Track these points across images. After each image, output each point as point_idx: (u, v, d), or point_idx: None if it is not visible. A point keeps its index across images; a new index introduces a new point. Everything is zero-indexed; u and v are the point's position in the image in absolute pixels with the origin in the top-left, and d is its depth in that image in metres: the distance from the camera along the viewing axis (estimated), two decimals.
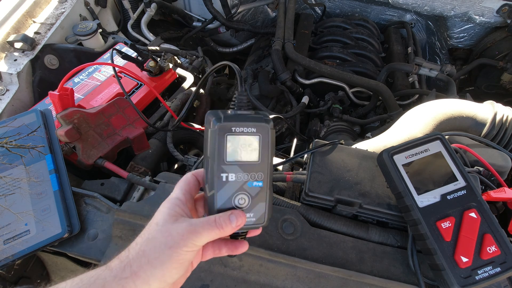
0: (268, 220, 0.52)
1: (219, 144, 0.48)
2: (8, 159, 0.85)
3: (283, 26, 1.74)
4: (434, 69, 1.68)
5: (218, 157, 0.48)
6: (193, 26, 2.11)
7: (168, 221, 0.48)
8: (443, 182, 0.72)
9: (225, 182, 0.49)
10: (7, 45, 1.25)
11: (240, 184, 0.49)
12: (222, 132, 0.48)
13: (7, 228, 0.77)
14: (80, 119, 0.97)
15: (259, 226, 0.52)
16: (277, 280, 0.74)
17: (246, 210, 0.50)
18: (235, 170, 0.49)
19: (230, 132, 0.48)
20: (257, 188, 0.50)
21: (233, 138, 0.48)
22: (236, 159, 0.49)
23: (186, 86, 1.41)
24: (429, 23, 2.14)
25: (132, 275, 0.45)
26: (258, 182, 0.50)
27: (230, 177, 0.49)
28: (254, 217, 0.51)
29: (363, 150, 0.90)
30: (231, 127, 0.48)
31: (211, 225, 0.47)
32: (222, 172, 0.48)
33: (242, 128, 0.48)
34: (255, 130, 0.49)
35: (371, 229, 0.83)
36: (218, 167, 0.48)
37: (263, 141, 0.49)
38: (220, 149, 0.48)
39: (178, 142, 1.27)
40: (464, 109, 0.98)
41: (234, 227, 0.48)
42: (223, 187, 0.49)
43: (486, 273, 0.64)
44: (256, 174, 0.50)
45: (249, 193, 0.50)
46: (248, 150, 0.49)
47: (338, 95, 1.67)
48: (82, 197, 0.89)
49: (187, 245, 0.46)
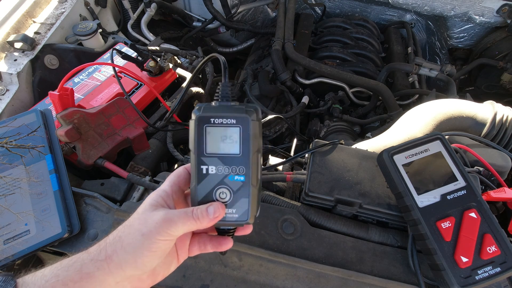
0: (254, 218, 0.50)
1: (198, 135, 0.47)
2: (8, 159, 0.85)
3: (283, 26, 1.74)
4: (434, 69, 1.68)
5: (198, 149, 0.47)
6: (193, 26, 2.11)
7: (147, 210, 0.49)
8: (443, 182, 0.72)
9: (205, 174, 0.48)
10: (7, 45, 1.25)
11: (220, 178, 0.48)
12: (202, 123, 0.47)
13: (7, 228, 0.77)
14: (80, 119, 0.97)
15: (242, 223, 0.50)
16: (277, 280, 0.74)
17: (228, 205, 0.49)
18: (215, 163, 0.48)
19: (209, 124, 0.47)
20: (238, 183, 0.48)
21: (212, 130, 0.47)
22: (215, 152, 0.48)
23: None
24: (429, 23, 2.14)
25: (107, 258, 0.46)
26: (240, 176, 0.48)
27: (210, 169, 0.48)
28: (236, 213, 0.49)
29: (363, 150, 0.90)
30: (209, 118, 0.47)
31: (188, 215, 0.47)
32: (202, 164, 0.48)
33: (222, 120, 0.47)
34: (235, 122, 0.47)
35: (371, 229, 0.83)
36: (198, 159, 0.48)
37: (244, 133, 0.47)
38: (200, 141, 0.47)
39: (178, 142, 1.27)
40: (464, 109, 0.98)
41: (211, 218, 0.47)
42: (203, 179, 0.48)
43: (486, 273, 0.64)
44: (237, 168, 0.48)
45: (230, 187, 0.48)
46: (227, 142, 0.47)
47: (338, 95, 1.67)
48: (82, 197, 0.89)
49: (160, 233, 0.46)
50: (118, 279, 0.46)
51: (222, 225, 0.51)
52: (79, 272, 0.45)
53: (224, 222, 0.50)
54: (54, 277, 0.44)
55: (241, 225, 0.51)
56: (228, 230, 0.53)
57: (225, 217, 0.49)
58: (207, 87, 1.50)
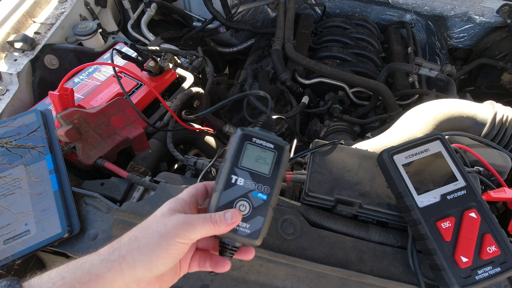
0: (261, 240, 0.52)
1: (238, 148, 0.53)
2: (8, 159, 0.85)
3: (283, 26, 1.74)
4: (434, 69, 1.68)
5: (233, 160, 0.53)
6: (193, 26, 2.11)
7: (165, 214, 0.49)
8: (443, 182, 0.72)
9: (233, 183, 0.52)
10: (7, 45, 1.25)
11: (245, 191, 0.52)
12: (244, 138, 0.54)
13: (7, 228, 0.77)
14: (80, 119, 0.97)
15: (250, 241, 0.52)
16: (277, 280, 0.74)
17: (244, 218, 0.51)
18: (245, 176, 0.52)
19: (250, 141, 0.54)
20: (260, 200, 0.52)
21: (252, 147, 0.54)
22: (248, 167, 0.53)
23: (186, 86, 1.41)
24: (429, 23, 2.14)
25: (120, 258, 0.45)
26: (263, 195, 0.52)
27: (239, 181, 0.52)
28: (249, 229, 0.51)
29: (363, 150, 0.90)
30: (252, 137, 0.54)
31: (207, 220, 0.48)
32: (233, 174, 0.52)
33: (262, 142, 0.54)
34: (273, 147, 0.54)
35: (371, 229, 0.83)
36: (231, 169, 0.52)
37: (277, 159, 0.54)
38: (238, 153, 0.53)
39: (178, 142, 1.27)
40: (464, 109, 0.98)
41: (229, 224, 0.49)
42: (230, 187, 0.52)
43: (486, 273, 0.64)
44: (263, 186, 0.53)
45: (251, 202, 0.52)
46: (261, 162, 0.53)
47: (338, 95, 1.67)
48: (82, 197, 0.89)
49: (180, 235, 0.46)
50: (128, 281, 0.46)
51: (231, 239, 0.52)
52: (88, 273, 0.44)
53: (235, 235, 0.51)
54: (61, 280, 0.43)
55: (248, 243, 0.52)
56: (232, 248, 0.53)
57: (237, 230, 0.51)
58: (207, 87, 1.50)
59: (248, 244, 0.53)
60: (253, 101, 1.53)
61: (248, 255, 0.55)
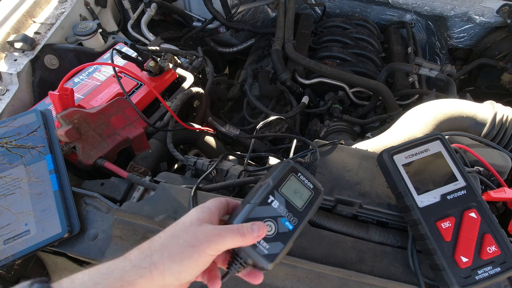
0: (273, 266, 0.53)
1: (284, 175, 0.58)
2: (8, 159, 0.85)
3: (283, 26, 1.74)
4: (434, 69, 1.68)
5: (277, 183, 0.57)
6: (193, 26, 2.11)
7: (194, 224, 0.51)
8: (443, 182, 0.72)
9: (268, 203, 0.55)
10: (7, 45, 1.25)
11: (276, 214, 0.55)
12: (291, 170, 0.59)
13: (7, 228, 0.77)
14: (80, 119, 0.97)
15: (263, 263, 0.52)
16: (277, 280, 0.74)
17: (267, 239, 0.53)
18: (281, 202, 0.56)
19: (296, 174, 0.59)
20: (286, 228, 0.55)
21: (295, 180, 0.59)
22: (287, 195, 0.57)
23: (186, 86, 1.41)
24: (429, 23, 2.14)
25: (151, 265, 0.46)
26: (290, 225, 0.56)
27: (274, 203, 0.56)
28: (267, 250, 0.53)
29: (363, 150, 0.90)
30: (298, 172, 0.60)
31: (235, 231, 0.50)
32: (272, 195, 0.56)
33: (305, 179, 0.60)
34: (312, 187, 0.60)
35: (371, 229, 0.83)
36: (272, 190, 0.56)
37: (312, 199, 0.59)
38: (282, 180, 0.58)
39: (178, 142, 1.27)
40: (464, 109, 0.98)
41: (255, 236, 0.51)
42: (265, 205, 0.55)
43: (486, 273, 0.64)
44: (292, 217, 0.56)
45: (278, 226, 0.55)
46: (298, 196, 0.58)
47: (338, 95, 1.67)
48: (82, 197, 0.89)
49: (210, 247, 0.48)
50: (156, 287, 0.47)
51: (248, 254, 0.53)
52: (120, 279, 0.45)
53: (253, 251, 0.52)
54: (94, 285, 0.44)
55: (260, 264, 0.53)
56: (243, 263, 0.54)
57: (257, 246, 0.52)
58: (207, 87, 1.50)
59: (260, 265, 0.53)
60: (253, 101, 1.53)
61: (256, 279, 0.55)
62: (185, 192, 0.86)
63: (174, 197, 0.85)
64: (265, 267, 0.53)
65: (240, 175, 0.98)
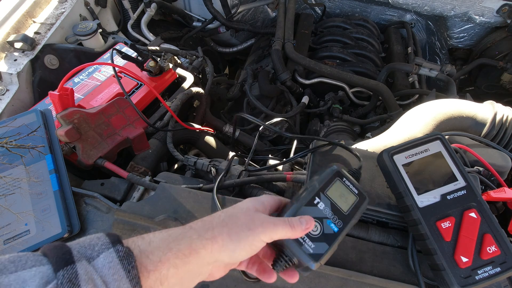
0: (318, 266, 0.53)
1: (329, 179, 0.59)
2: (8, 159, 0.85)
3: (283, 26, 1.74)
4: (434, 69, 1.68)
5: (322, 187, 0.58)
6: (193, 26, 2.11)
7: (251, 209, 0.53)
8: (443, 182, 0.72)
9: (314, 204, 0.57)
10: (7, 45, 1.25)
11: (322, 215, 0.56)
12: (337, 174, 0.60)
13: (7, 228, 0.77)
14: (80, 119, 0.97)
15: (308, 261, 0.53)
16: (277, 280, 0.74)
17: (312, 238, 0.54)
18: (326, 204, 0.57)
19: (341, 179, 0.60)
20: (331, 230, 0.56)
21: (340, 184, 0.60)
22: (332, 198, 0.58)
23: (186, 86, 1.41)
24: (429, 23, 2.14)
25: (212, 238, 0.48)
26: (335, 227, 0.57)
27: (320, 205, 0.57)
28: (312, 250, 0.54)
29: (363, 150, 0.90)
30: (343, 176, 0.61)
31: (286, 223, 0.52)
32: (318, 197, 0.57)
33: (350, 184, 0.60)
34: (357, 193, 0.60)
35: (371, 229, 0.83)
36: (318, 192, 0.58)
37: (357, 204, 0.60)
38: (327, 183, 0.59)
39: (178, 142, 1.27)
40: (464, 109, 0.98)
41: (303, 228, 0.52)
42: (310, 206, 0.57)
43: (486, 273, 0.64)
44: (337, 220, 0.57)
45: (323, 227, 0.56)
46: (343, 200, 0.59)
47: (338, 95, 1.67)
48: (82, 197, 0.89)
49: (265, 232, 0.50)
50: (210, 260, 0.48)
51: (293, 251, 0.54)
52: (189, 247, 0.46)
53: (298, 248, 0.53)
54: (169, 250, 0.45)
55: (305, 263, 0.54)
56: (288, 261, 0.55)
57: (303, 244, 0.54)
58: (207, 87, 1.50)
59: (305, 264, 0.54)
60: (253, 101, 1.53)
61: (293, 278, 0.57)
62: (185, 192, 0.86)
63: (174, 197, 0.85)
64: (310, 267, 0.54)
65: (240, 175, 0.98)
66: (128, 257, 0.41)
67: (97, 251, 0.41)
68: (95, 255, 0.41)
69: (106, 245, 0.42)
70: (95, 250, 0.41)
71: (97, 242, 0.42)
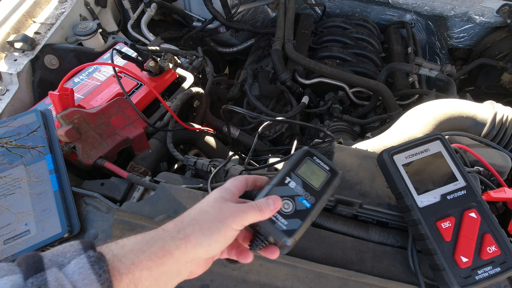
0: (293, 242, 0.55)
1: (299, 159, 0.62)
2: (8, 159, 0.85)
3: (283, 26, 1.74)
4: (434, 69, 1.68)
5: (292, 167, 0.61)
6: (193, 26, 2.11)
7: (218, 200, 0.55)
8: (443, 182, 0.72)
9: (286, 184, 0.59)
10: (7, 45, 1.25)
11: (294, 193, 0.59)
12: (307, 154, 0.63)
13: (7, 228, 0.77)
14: (80, 119, 0.97)
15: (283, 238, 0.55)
16: (277, 280, 0.74)
17: (285, 216, 0.56)
18: (298, 182, 0.60)
19: (311, 158, 0.63)
20: (303, 206, 0.58)
21: (310, 162, 0.62)
22: (303, 176, 0.60)
23: (186, 86, 1.41)
24: (429, 23, 2.14)
25: (185, 237, 0.49)
26: (307, 203, 0.58)
27: (291, 184, 0.60)
28: (285, 226, 0.56)
29: (363, 150, 0.90)
30: (313, 155, 0.63)
31: (254, 207, 0.54)
32: (288, 176, 0.60)
33: (321, 162, 0.63)
34: (328, 169, 0.62)
35: (371, 229, 0.83)
36: (288, 172, 0.60)
37: (329, 180, 0.62)
38: (297, 163, 0.61)
39: (178, 142, 1.27)
40: (464, 109, 0.98)
41: (271, 209, 0.54)
42: (281, 186, 0.59)
43: (486, 273, 0.64)
44: (310, 196, 0.59)
45: (296, 204, 0.58)
46: (315, 177, 0.61)
47: (338, 95, 1.67)
48: (82, 197, 0.89)
49: (236, 221, 0.51)
50: (187, 259, 0.49)
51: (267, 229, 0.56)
52: (162, 249, 0.47)
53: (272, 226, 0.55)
54: (142, 252, 0.46)
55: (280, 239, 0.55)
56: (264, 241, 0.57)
57: (275, 222, 0.56)
58: (207, 87, 1.50)
59: (280, 240, 0.56)
60: (253, 101, 1.53)
61: (273, 254, 0.58)
62: (185, 192, 0.86)
63: (174, 197, 0.85)
64: (284, 243, 0.55)
65: (240, 175, 0.98)
66: (100, 261, 0.42)
67: (69, 258, 0.42)
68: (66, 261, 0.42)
69: (78, 251, 0.43)
70: (66, 257, 0.42)
71: (70, 249, 0.43)
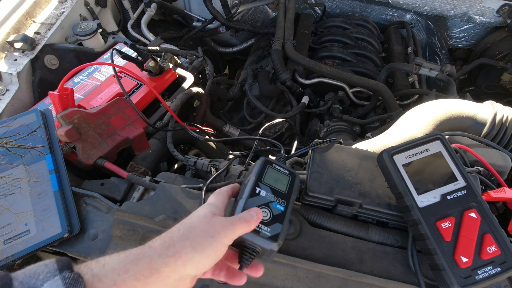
0: (279, 245, 0.58)
1: (261, 169, 0.67)
2: (8, 159, 0.85)
3: (283, 26, 1.74)
4: (434, 69, 1.68)
5: (258, 177, 0.65)
6: (193, 26, 2.11)
7: (208, 216, 0.54)
8: (443, 182, 0.72)
9: (257, 194, 0.63)
10: (7, 45, 1.25)
11: (267, 201, 0.63)
12: (266, 164, 0.68)
13: (7, 228, 0.77)
14: (80, 119, 0.97)
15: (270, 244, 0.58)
16: (277, 280, 0.74)
17: (266, 223, 0.59)
18: (267, 190, 0.64)
19: (271, 166, 0.68)
20: (278, 210, 0.62)
21: (272, 170, 0.68)
22: (270, 184, 0.65)
23: (186, 86, 1.41)
24: (429, 23, 2.14)
25: (175, 254, 0.48)
26: (281, 207, 0.63)
27: (262, 192, 0.63)
28: (269, 233, 0.59)
29: (363, 150, 0.90)
30: (272, 163, 0.69)
31: (241, 220, 0.54)
32: (257, 187, 0.64)
33: (280, 168, 0.69)
34: (288, 173, 0.69)
35: (371, 229, 0.83)
36: (256, 182, 0.64)
37: (291, 182, 0.68)
38: (261, 172, 0.66)
39: (178, 142, 1.27)
40: (464, 109, 0.98)
41: (255, 220, 0.56)
42: (254, 197, 0.62)
43: (486, 273, 0.64)
44: (281, 200, 0.64)
45: (272, 210, 0.62)
46: (279, 182, 0.67)
47: (338, 95, 1.67)
48: (82, 197, 0.89)
49: (227, 236, 0.51)
50: (176, 277, 0.48)
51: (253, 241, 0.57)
52: (149, 267, 0.46)
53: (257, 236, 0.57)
54: (125, 272, 0.44)
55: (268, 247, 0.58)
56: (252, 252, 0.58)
57: (260, 232, 0.58)
58: (207, 87, 1.50)
59: (267, 248, 0.58)
60: (253, 101, 1.53)
61: (257, 271, 0.59)
62: (185, 192, 0.86)
63: (174, 197, 0.85)
64: (272, 248, 0.58)
65: (240, 175, 0.98)
66: (76, 283, 0.40)
67: (42, 280, 0.40)
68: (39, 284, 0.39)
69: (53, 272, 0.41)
70: (39, 279, 0.40)
71: (43, 270, 0.41)
